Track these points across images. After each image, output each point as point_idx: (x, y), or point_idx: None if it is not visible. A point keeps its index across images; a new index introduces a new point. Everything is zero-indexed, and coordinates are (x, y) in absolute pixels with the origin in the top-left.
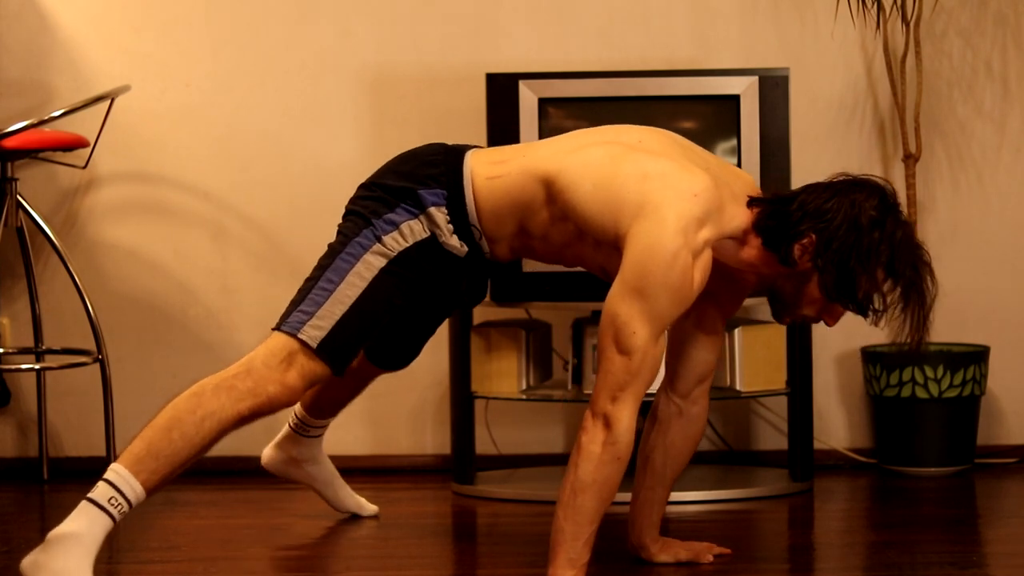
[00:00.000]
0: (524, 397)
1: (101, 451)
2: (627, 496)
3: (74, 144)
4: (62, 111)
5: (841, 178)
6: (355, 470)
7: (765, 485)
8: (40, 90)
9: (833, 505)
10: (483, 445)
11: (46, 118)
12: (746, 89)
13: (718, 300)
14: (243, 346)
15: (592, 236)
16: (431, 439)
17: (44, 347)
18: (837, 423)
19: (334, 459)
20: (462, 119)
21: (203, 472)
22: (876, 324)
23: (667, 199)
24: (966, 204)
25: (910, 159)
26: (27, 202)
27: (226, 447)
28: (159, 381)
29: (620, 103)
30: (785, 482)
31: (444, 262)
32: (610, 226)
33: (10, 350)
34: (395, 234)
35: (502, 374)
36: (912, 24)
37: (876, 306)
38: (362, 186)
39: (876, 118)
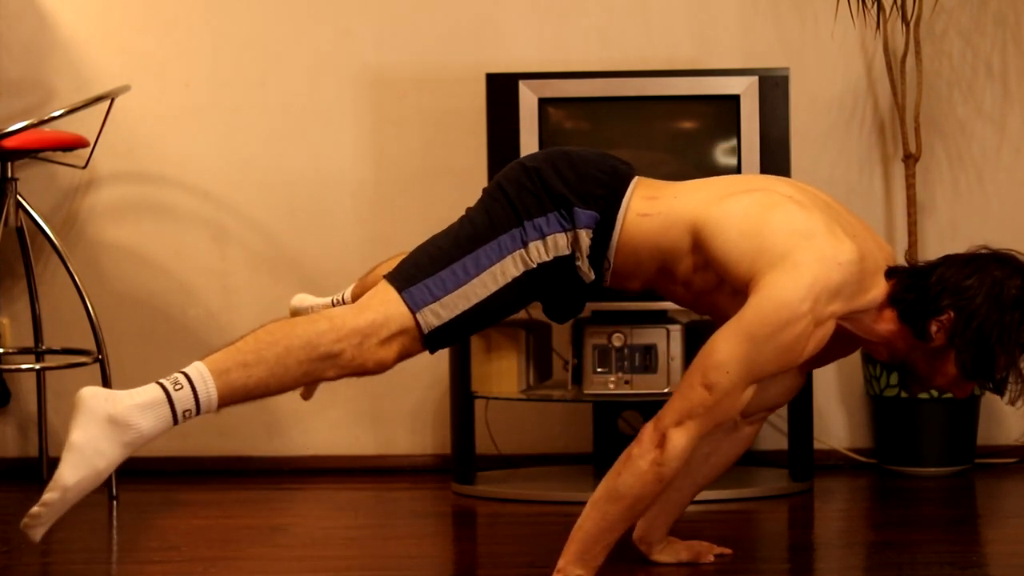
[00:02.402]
0: (524, 397)
1: None
2: None
3: (74, 144)
4: (62, 111)
5: (980, 250)
6: (355, 470)
7: (765, 485)
8: (40, 90)
9: (833, 505)
10: (483, 445)
11: (46, 118)
12: (746, 89)
13: (825, 354)
14: None
15: (730, 284)
16: (431, 439)
17: (44, 347)
18: (837, 423)
19: (334, 459)
20: (462, 119)
21: (203, 472)
22: (1013, 403)
23: (809, 260)
24: (966, 204)
25: (910, 159)
26: (27, 202)
27: (226, 447)
28: None
29: (620, 103)
30: (785, 482)
31: (570, 281)
32: (745, 271)
33: (10, 350)
34: (540, 244)
35: (502, 374)
36: (912, 24)
37: (1014, 385)
38: (523, 167)
39: (876, 118)
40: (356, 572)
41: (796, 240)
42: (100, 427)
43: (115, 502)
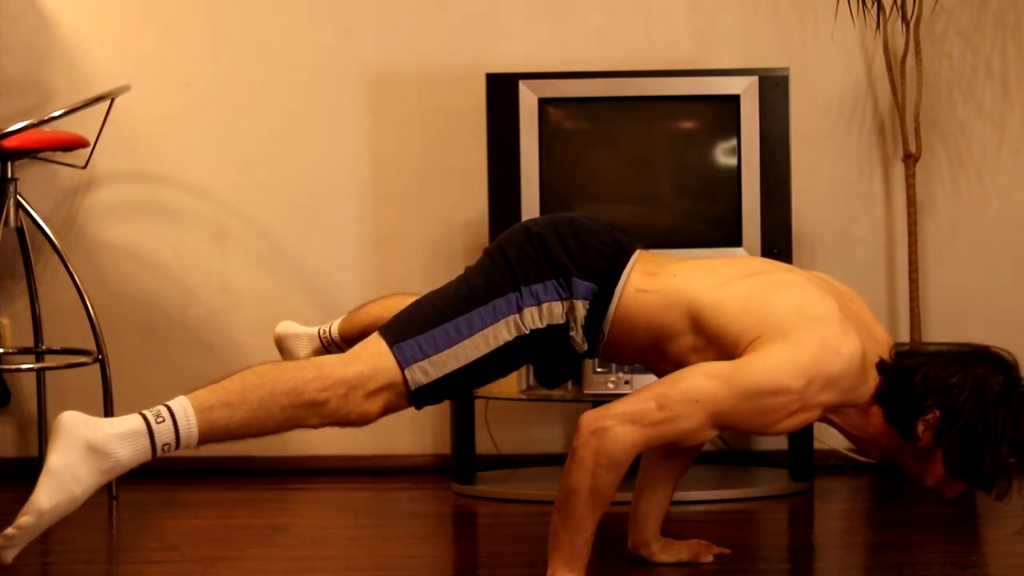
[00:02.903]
0: (524, 397)
1: None
2: (628, 496)
3: (74, 144)
4: (62, 111)
5: (963, 348)
6: (355, 470)
7: (765, 485)
8: (40, 90)
9: (833, 505)
10: (483, 445)
11: (46, 118)
12: (746, 89)
13: None
14: (243, 346)
15: (728, 356)
16: (431, 439)
17: (44, 347)
18: None
19: (334, 459)
20: (462, 119)
21: (203, 472)
22: (1000, 500)
23: (811, 343)
24: (966, 204)
25: (910, 159)
26: (27, 202)
27: (226, 447)
28: (159, 381)
29: (620, 103)
30: (785, 482)
31: (562, 349)
32: (747, 343)
33: (10, 350)
34: (536, 310)
35: None
36: (912, 24)
37: (1002, 482)
38: (526, 230)
39: (876, 118)
40: (356, 572)
41: (801, 321)
42: (79, 453)
43: (115, 502)
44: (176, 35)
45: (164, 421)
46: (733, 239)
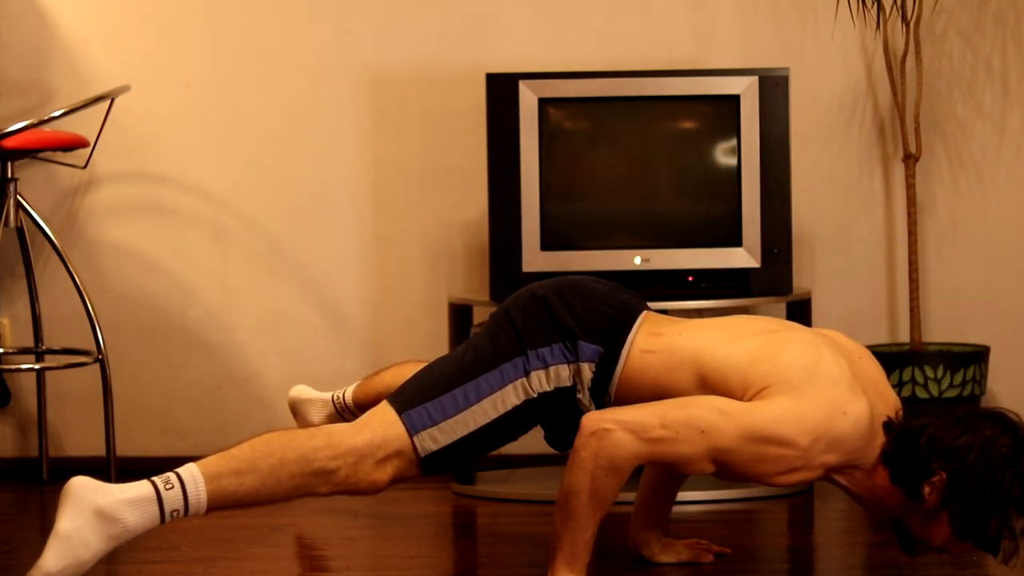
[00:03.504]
0: None
1: (101, 451)
2: (630, 496)
3: (74, 144)
4: (62, 111)
5: (970, 410)
6: None
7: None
8: (40, 90)
9: (833, 505)
10: None
11: (46, 118)
12: (746, 89)
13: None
14: (243, 346)
15: None
16: None
17: (44, 347)
18: None
19: None
20: (462, 119)
21: None
22: (1006, 563)
23: (819, 400)
24: (966, 204)
25: (910, 159)
26: (27, 202)
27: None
28: (159, 381)
29: (620, 103)
30: None
31: (570, 411)
32: (753, 391)
33: (10, 350)
34: (543, 374)
35: None
36: (912, 24)
37: (1008, 544)
38: (532, 294)
39: (876, 118)
40: (356, 572)
41: (811, 377)
42: (87, 519)
43: None
44: (176, 35)
45: (173, 488)
46: (733, 239)
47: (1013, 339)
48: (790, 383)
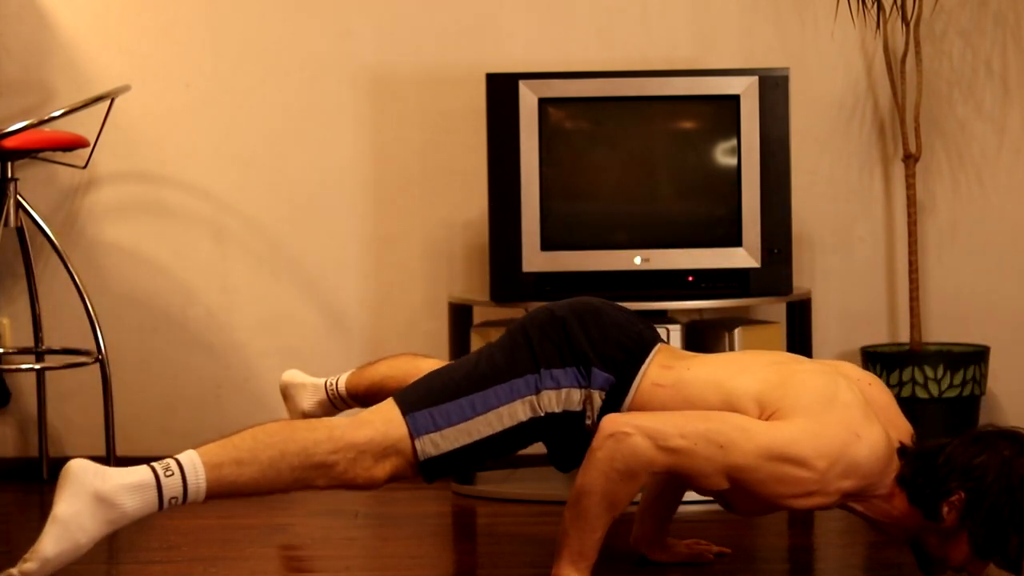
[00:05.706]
0: None
1: (101, 451)
2: (636, 496)
3: (74, 144)
4: (62, 111)
5: (987, 428)
6: None
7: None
8: (40, 90)
9: None
10: None
11: (46, 118)
12: (746, 89)
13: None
14: (243, 346)
15: None
16: None
17: (44, 347)
18: None
19: None
20: (462, 119)
21: None
22: None
23: (836, 425)
24: (966, 204)
25: (910, 159)
26: (27, 202)
27: None
28: (159, 381)
29: (620, 103)
30: None
31: (574, 433)
32: (767, 414)
33: (10, 350)
34: (554, 394)
35: None
36: (912, 24)
37: None
38: (551, 313)
39: (876, 118)
40: (356, 572)
41: (825, 403)
42: (86, 503)
43: None
44: (176, 35)
45: (173, 475)
46: (733, 239)
47: (1013, 339)
48: (805, 407)
